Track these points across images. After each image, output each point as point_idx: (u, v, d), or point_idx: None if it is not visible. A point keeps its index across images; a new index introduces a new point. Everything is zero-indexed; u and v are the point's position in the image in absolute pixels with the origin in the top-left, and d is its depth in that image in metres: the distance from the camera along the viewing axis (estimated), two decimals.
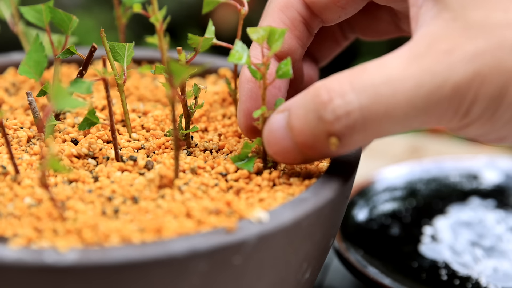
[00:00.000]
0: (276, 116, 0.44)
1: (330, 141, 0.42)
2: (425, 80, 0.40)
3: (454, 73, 0.40)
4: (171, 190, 0.43)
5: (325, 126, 0.41)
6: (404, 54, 0.41)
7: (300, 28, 0.48)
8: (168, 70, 0.40)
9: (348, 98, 0.41)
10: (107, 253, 0.37)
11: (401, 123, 0.41)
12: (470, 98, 0.40)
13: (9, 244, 0.38)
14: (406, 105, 0.40)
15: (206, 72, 0.59)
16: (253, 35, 0.44)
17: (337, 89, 0.41)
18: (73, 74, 0.59)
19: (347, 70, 0.42)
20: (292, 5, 0.47)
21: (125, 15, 0.56)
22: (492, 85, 0.40)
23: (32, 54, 0.47)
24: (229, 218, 0.40)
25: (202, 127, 0.51)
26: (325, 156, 0.44)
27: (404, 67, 0.41)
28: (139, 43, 0.61)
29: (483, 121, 0.41)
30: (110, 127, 0.46)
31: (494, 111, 0.41)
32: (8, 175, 0.44)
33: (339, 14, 0.48)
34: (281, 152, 0.44)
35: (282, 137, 0.43)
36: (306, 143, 0.42)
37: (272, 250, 0.40)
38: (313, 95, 0.42)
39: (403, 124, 0.41)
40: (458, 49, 0.40)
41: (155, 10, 0.43)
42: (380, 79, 0.41)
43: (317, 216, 0.42)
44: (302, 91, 0.43)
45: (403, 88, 0.40)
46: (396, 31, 0.54)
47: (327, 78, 0.42)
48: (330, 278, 0.62)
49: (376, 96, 0.40)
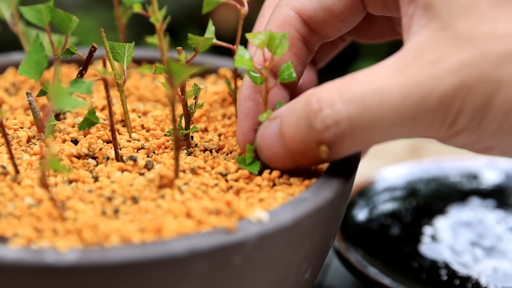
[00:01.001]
0: (268, 122, 0.44)
1: (320, 149, 0.43)
2: (412, 90, 0.40)
3: (440, 84, 0.40)
4: (171, 190, 0.43)
5: (315, 135, 0.42)
6: (392, 64, 0.42)
7: (298, 46, 0.48)
8: (168, 70, 0.40)
9: (337, 107, 0.41)
10: (107, 253, 0.37)
11: (389, 132, 0.42)
12: (456, 108, 0.41)
13: (9, 244, 0.38)
14: (393, 115, 0.41)
15: (206, 72, 0.59)
16: (254, 40, 0.44)
17: (327, 99, 0.42)
18: (73, 74, 0.59)
19: (338, 79, 0.43)
20: (289, 22, 0.47)
21: (125, 15, 0.56)
22: (478, 95, 0.40)
23: (32, 54, 0.47)
24: (229, 218, 0.40)
25: (202, 127, 0.51)
26: (316, 163, 0.44)
27: (391, 77, 0.41)
28: (139, 43, 0.61)
29: (470, 131, 0.42)
30: (110, 127, 0.46)
31: (480, 121, 0.41)
32: (8, 175, 0.44)
33: (339, 27, 0.48)
34: (273, 158, 0.44)
35: (274, 144, 0.44)
36: (297, 150, 0.43)
37: (272, 250, 0.40)
38: (304, 103, 0.43)
39: (391, 133, 0.42)
40: (444, 59, 0.40)
41: (155, 10, 0.43)
42: (367, 89, 0.41)
43: (317, 216, 0.42)
44: (294, 99, 0.44)
45: (390, 98, 0.41)
46: (392, 34, 0.54)
47: (319, 86, 0.43)
48: (330, 278, 0.62)
49: (363, 106, 0.41)
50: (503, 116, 0.41)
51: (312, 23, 0.47)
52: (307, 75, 0.54)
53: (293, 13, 0.47)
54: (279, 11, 0.47)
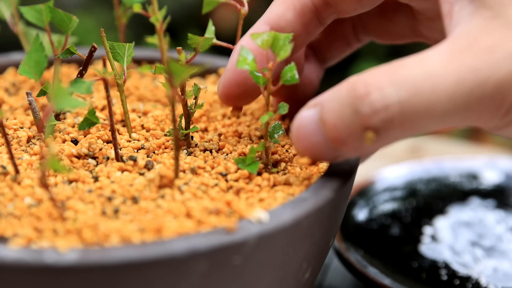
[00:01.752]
0: (306, 111, 0.43)
1: (366, 136, 0.41)
2: (467, 76, 0.40)
3: (497, 71, 0.40)
4: (171, 190, 0.43)
5: (361, 120, 0.40)
6: (444, 50, 0.41)
7: (309, 16, 0.47)
8: (168, 70, 0.40)
9: (387, 92, 0.40)
10: (107, 253, 0.37)
11: (440, 119, 0.40)
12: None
13: (9, 244, 0.38)
14: (446, 101, 0.40)
15: (206, 72, 0.59)
16: (257, 40, 0.44)
17: (375, 83, 0.40)
18: (73, 74, 0.59)
19: (383, 65, 0.41)
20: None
21: (125, 15, 0.56)
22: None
23: (32, 54, 0.47)
24: (229, 218, 0.40)
25: (202, 127, 0.51)
26: (358, 152, 0.43)
27: (445, 63, 0.40)
28: (139, 43, 0.61)
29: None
30: (110, 127, 0.46)
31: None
32: (8, 175, 0.44)
33: (355, 6, 0.47)
34: (311, 148, 0.43)
35: (313, 133, 0.42)
36: (339, 138, 0.41)
37: (272, 250, 0.40)
38: (348, 89, 0.41)
39: (442, 121, 0.41)
40: (500, 46, 0.40)
41: (155, 10, 0.43)
42: (419, 74, 0.40)
43: (317, 216, 0.42)
44: (335, 87, 0.42)
45: (444, 84, 0.40)
46: (411, 36, 0.53)
47: (362, 73, 0.41)
48: (330, 278, 0.62)
49: (416, 91, 0.40)
50: None
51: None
52: (314, 72, 0.53)
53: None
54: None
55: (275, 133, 0.46)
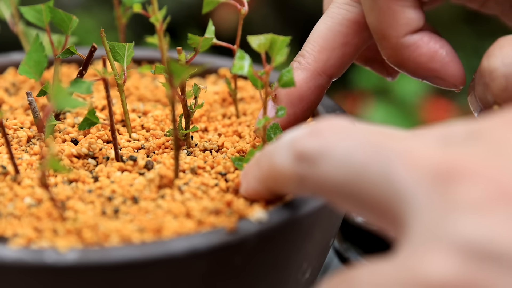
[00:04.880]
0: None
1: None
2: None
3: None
4: (171, 190, 0.43)
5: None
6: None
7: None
8: (168, 70, 0.40)
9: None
10: (107, 253, 0.37)
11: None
12: None
13: (9, 244, 0.38)
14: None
15: (206, 72, 0.59)
16: (253, 43, 0.44)
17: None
18: (73, 74, 0.59)
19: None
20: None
21: (125, 15, 0.56)
22: None
23: (32, 54, 0.47)
24: (229, 218, 0.40)
25: (202, 127, 0.51)
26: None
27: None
28: (139, 43, 0.61)
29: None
30: (110, 127, 0.46)
31: None
32: (8, 175, 0.44)
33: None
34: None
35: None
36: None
37: (272, 250, 0.40)
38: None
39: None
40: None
41: (155, 10, 0.43)
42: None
43: (317, 216, 0.42)
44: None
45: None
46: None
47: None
48: None
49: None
50: None
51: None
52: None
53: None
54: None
55: (272, 134, 0.46)
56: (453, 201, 0.30)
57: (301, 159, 0.36)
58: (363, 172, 0.33)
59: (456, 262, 0.29)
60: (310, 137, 0.36)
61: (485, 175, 0.30)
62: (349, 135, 0.35)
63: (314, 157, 0.35)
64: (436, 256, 0.29)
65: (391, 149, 0.33)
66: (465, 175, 0.31)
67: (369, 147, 0.34)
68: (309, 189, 0.37)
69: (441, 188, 0.31)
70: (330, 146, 0.35)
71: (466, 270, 0.29)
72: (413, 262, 0.30)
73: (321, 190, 0.36)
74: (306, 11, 1.67)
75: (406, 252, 0.31)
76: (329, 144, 0.35)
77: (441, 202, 0.31)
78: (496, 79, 0.41)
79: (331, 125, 0.36)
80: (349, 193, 0.34)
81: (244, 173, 0.42)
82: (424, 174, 0.31)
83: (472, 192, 0.30)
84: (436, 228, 0.30)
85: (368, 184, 0.33)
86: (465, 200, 0.30)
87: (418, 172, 0.32)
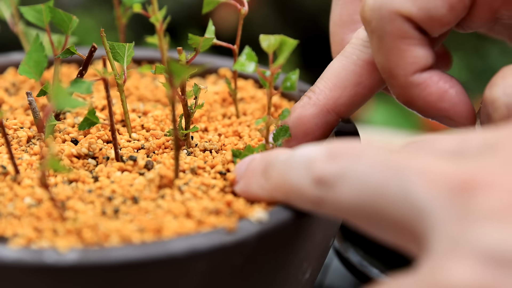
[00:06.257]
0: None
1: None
2: None
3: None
4: (171, 190, 0.43)
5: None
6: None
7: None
8: (168, 70, 0.40)
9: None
10: (107, 253, 0.37)
11: None
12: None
13: (9, 244, 0.38)
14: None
15: (206, 72, 0.59)
16: (263, 43, 0.44)
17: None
18: (73, 74, 0.59)
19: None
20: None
21: (125, 15, 0.56)
22: None
23: (32, 54, 0.47)
24: (229, 218, 0.40)
25: (202, 127, 0.51)
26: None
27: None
28: (139, 43, 0.61)
29: None
30: (110, 127, 0.46)
31: None
32: (8, 175, 0.44)
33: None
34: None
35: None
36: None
37: (272, 250, 0.40)
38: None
39: None
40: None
41: (155, 10, 0.43)
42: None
43: (317, 216, 0.42)
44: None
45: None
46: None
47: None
48: (330, 278, 0.62)
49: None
50: None
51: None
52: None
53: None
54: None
55: (280, 136, 0.46)
56: (472, 212, 0.31)
57: (320, 183, 0.37)
58: (381, 192, 0.34)
59: (477, 269, 0.29)
60: (328, 160, 0.37)
61: (502, 185, 0.31)
62: (366, 157, 0.35)
63: (333, 180, 0.36)
64: (458, 264, 0.30)
65: (407, 167, 0.34)
66: (482, 187, 0.31)
67: (386, 167, 0.34)
68: (326, 210, 0.37)
69: (460, 200, 0.32)
70: (348, 169, 0.36)
71: (487, 277, 0.29)
72: (436, 272, 0.30)
73: (339, 212, 0.37)
74: (306, 12, 1.67)
75: (428, 264, 0.31)
76: (347, 167, 0.36)
77: (460, 214, 0.31)
78: (498, 108, 0.41)
79: (348, 147, 0.37)
80: (368, 214, 0.35)
81: (242, 174, 0.42)
82: (442, 189, 0.32)
83: (490, 202, 0.31)
84: (456, 239, 0.31)
85: (386, 204, 0.34)
86: (483, 210, 0.31)
87: (436, 188, 0.32)
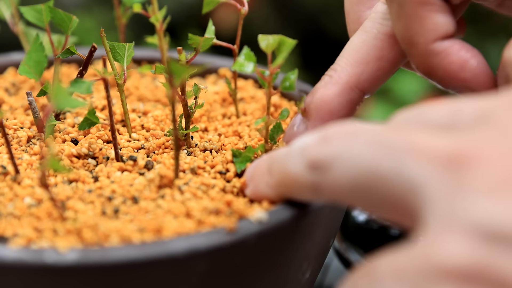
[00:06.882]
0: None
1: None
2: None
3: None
4: (171, 190, 0.43)
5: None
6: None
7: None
8: (168, 70, 0.40)
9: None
10: (107, 253, 0.37)
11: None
12: None
13: (9, 244, 0.38)
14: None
15: (206, 72, 0.59)
16: (261, 43, 0.44)
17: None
18: (73, 74, 0.59)
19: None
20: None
21: (125, 15, 0.56)
22: None
23: (32, 54, 0.47)
24: (229, 218, 0.40)
25: (202, 127, 0.51)
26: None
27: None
28: (139, 43, 0.61)
29: None
30: (110, 127, 0.46)
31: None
32: (8, 175, 0.44)
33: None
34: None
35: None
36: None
37: (272, 250, 0.40)
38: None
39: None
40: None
41: (155, 10, 0.43)
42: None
43: (317, 216, 0.42)
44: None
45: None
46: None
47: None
48: (330, 278, 0.62)
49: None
50: None
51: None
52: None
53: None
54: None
55: (275, 134, 0.46)
56: (465, 186, 0.31)
57: (314, 167, 0.37)
58: (375, 171, 0.34)
59: (470, 245, 0.29)
60: (320, 144, 0.37)
61: (495, 159, 0.31)
62: (357, 138, 0.35)
63: (326, 164, 0.36)
64: (450, 240, 0.30)
65: (399, 144, 0.34)
66: (475, 160, 0.31)
67: (378, 146, 0.34)
68: (324, 195, 0.37)
69: (453, 174, 0.31)
70: (340, 151, 0.36)
71: (480, 252, 0.29)
72: (430, 248, 0.30)
73: (336, 195, 0.36)
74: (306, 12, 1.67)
75: (422, 240, 0.31)
76: (339, 149, 0.36)
77: (453, 188, 0.31)
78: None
79: (340, 130, 0.37)
80: (364, 194, 0.35)
81: (251, 176, 0.42)
82: (435, 164, 0.32)
83: (483, 176, 0.31)
84: (449, 214, 0.31)
85: (381, 182, 0.34)
86: (476, 184, 0.31)
87: (429, 163, 0.32)
